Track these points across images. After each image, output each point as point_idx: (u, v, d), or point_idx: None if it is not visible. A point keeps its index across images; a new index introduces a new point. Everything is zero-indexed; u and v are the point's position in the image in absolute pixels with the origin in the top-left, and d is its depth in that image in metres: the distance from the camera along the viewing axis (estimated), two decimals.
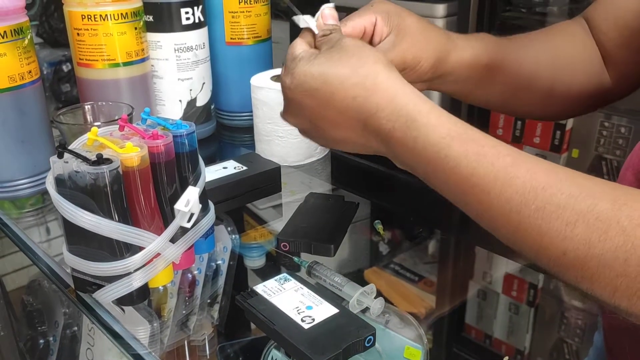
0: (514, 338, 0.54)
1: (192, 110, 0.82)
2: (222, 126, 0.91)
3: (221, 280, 0.56)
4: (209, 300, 0.53)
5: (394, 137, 0.41)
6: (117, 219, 0.45)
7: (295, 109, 0.47)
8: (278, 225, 0.62)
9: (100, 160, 0.44)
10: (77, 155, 0.44)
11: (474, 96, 0.62)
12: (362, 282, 0.50)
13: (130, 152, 0.45)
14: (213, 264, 0.58)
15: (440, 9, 1.44)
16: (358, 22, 0.53)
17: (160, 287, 0.52)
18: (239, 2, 0.82)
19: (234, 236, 0.63)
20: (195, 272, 0.56)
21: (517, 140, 1.41)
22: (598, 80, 0.62)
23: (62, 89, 1.58)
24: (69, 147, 0.46)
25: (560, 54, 0.62)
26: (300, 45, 0.48)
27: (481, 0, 1.38)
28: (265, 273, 0.58)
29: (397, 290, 0.56)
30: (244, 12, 0.83)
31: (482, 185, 0.38)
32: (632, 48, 0.59)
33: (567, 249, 0.34)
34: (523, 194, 0.36)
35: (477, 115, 1.42)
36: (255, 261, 0.61)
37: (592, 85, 0.62)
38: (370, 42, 0.54)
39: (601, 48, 0.61)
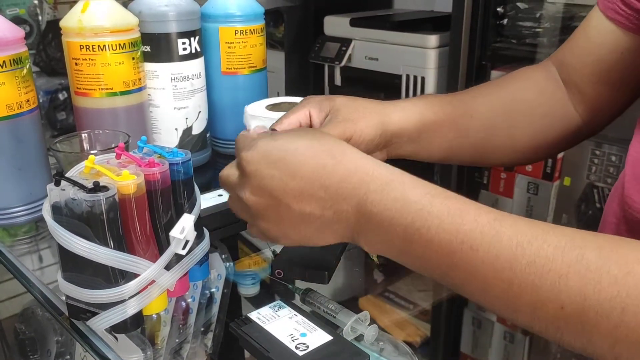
0: None
1: (187, 139, 0.82)
2: (217, 154, 0.91)
3: (215, 308, 0.56)
4: (202, 328, 0.53)
5: (369, 199, 0.40)
6: (112, 246, 0.45)
7: (255, 186, 0.44)
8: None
9: (97, 188, 0.44)
10: (74, 183, 0.44)
11: (435, 155, 0.62)
12: (357, 310, 0.50)
13: (126, 180, 0.46)
14: (207, 291, 0.58)
15: (433, 39, 1.47)
16: (293, 119, 0.55)
17: (154, 315, 0.52)
18: (235, 33, 0.84)
19: (228, 264, 0.63)
20: (189, 299, 0.56)
21: (509, 169, 1.42)
22: (563, 122, 0.63)
23: (57, 117, 1.59)
24: (66, 175, 0.46)
25: (516, 102, 0.62)
26: (252, 134, 0.49)
27: (472, 31, 1.41)
28: (260, 300, 0.58)
29: (392, 318, 0.56)
30: (240, 42, 0.84)
31: (470, 242, 0.37)
32: (607, 83, 0.59)
33: (564, 303, 0.34)
34: (511, 249, 0.36)
35: None
36: (249, 289, 0.61)
37: (557, 127, 0.63)
38: None
39: (573, 87, 0.62)
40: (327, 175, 0.41)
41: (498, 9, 1.44)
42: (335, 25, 1.70)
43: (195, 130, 0.83)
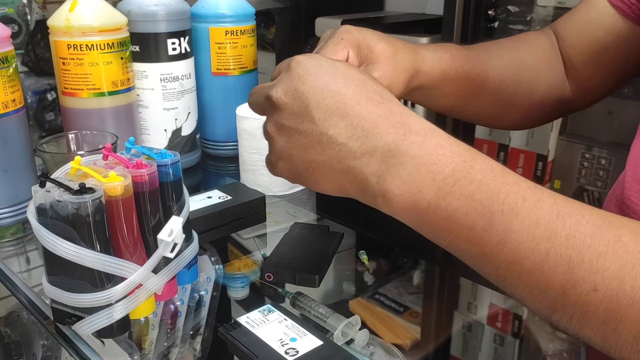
0: None
1: (177, 140, 0.82)
2: (207, 155, 0.90)
3: (204, 312, 0.55)
4: (191, 332, 0.52)
5: (409, 139, 0.37)
6: (98, 249, 0.44)
7: (291, 88, 0.41)
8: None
9: (83, 190, 0.43)
10: (59, 185, 0.44)
11: (441, 106, 0.64)
12: (347, 313, 0.49)
13: (113, 182, 0.45)
14: (196, 294, 0.57)
15: (424, 42, 1.47)
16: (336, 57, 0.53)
17: (141, 319, 0.51)
18: (226, 34, 0.83)
19: (217, 266, 0.63)
20: (178, 303, 0.55)
21: None
22: (559, 93, 0.64)
23: (46, 117, 1.58)
24: (52, 176, 0.45)
25: (525, 65, 0.64)
26: None
27: (464, 34, 1.41)
28: (249, 304, 0.58)
29: (382, 321, 0.56)
30: (230, 43, 0.84)
31: (511, 203, 0.34)
32: (599, 64, 0.61)
33: (598, 284, 0.32)
34: (551, 218, 0.33)
35: (460, 138, 1.44)
36: (238, 292, 0.60)
37: (553, 97, 0.64)
38: None
39: (567, 61, 0.63)
40: (369, 108, 0.38)
41: (489, 12, 1.44)
42: (327, 27, 1.69)
43: (185, 132, 0.82)
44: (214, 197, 0.67)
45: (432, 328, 0.58)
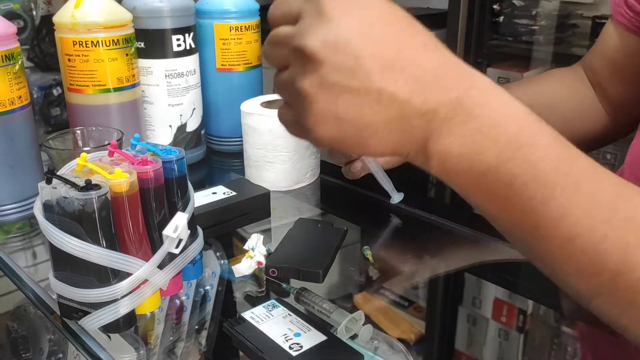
0: None
1: (182, 136, 0.82)
2: (212, 151, 0.91)
3: (209, 307, 0.56)
4: (196, 327, 0.53)
5: (473, 95, 0.32)
6: (104, 245, 0.44)
7: (331, 34, 0.32)
8: None
9: (89, 186, 0.43)
10: (65, 181, 0.44)
11: None
12: (351, 308, 0.50)
13: (119, 178, 0.45)
14: (201, 289, 0.57)
15: None
16: None
17: (147, 314, 0.51)
18: (230, 30, 0.83)
19: (222, 262, 0.63)
20: (183, 298, 0.56)
21: None
22: (592, 123, 0.66)
23: (52, 112, 1.58)
24: (58, 173, 0.46)
25: (549, 102, 0.65)
26: None
27: (469, 28, 1.40)
28: (254, 299, 0.58)
29: (387, 316, 0.56)
30: (234, 39, 0.84)
31: (574, 177, 0.31)
32: (623, 82, 0.63)
33: None
34: (611, 200, 0.31)
35: None
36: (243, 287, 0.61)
37: (587, 128, 0.66)
38: None
39: (598, 86, 0.65)
40: (428, 56, 0.33)
41: (494, 7, 1.44)
42: None
43: (190, 128, 0.82)
44: (218, 193, 0.68)
45: (436, 323, 0.58)
